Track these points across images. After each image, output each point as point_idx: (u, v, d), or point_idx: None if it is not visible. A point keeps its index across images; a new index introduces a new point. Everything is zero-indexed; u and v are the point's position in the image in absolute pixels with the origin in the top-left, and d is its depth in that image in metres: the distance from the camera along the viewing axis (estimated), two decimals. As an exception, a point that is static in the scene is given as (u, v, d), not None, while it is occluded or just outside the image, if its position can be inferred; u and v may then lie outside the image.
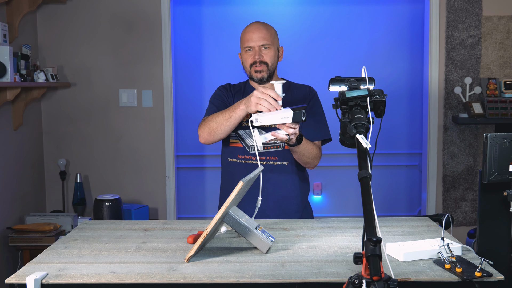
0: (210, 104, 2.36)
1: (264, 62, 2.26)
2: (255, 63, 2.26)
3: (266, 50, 2.26)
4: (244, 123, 2.27)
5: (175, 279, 1.55)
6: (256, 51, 2.26)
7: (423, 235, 1.94)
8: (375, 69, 4.36)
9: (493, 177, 1.93)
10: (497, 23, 3.90)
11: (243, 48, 2.29)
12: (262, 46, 2.26)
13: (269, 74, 2.28)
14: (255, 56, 2.25)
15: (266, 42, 2.26)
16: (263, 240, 1.76)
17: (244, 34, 2.30)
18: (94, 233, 2.02)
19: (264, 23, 2.32)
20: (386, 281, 1.15)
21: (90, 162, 3.99)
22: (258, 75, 2.27)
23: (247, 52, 2.28)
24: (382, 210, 4.44)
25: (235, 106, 2.10)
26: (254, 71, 2.27)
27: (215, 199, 4.62)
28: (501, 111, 3.78)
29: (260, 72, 2.27)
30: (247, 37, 2.27)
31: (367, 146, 1.42)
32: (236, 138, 2.30)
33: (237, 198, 1.78)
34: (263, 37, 2.25)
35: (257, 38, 2.25)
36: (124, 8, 3.90)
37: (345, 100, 1.60)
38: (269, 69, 2.28)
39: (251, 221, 1.81)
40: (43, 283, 1.53)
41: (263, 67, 2.26)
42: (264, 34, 2.26)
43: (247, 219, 1.81)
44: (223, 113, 2.14)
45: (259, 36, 2.25)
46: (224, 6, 4.49)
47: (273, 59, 2.29)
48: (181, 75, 4.47)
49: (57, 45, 3.91)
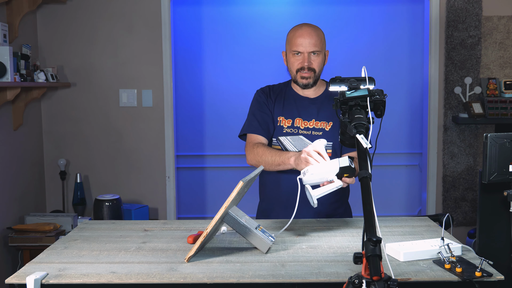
0: (250, 116, 2.31)
1: (312, 69, 2.23)
2: (302, 68, 2.22)
3: (315, 56, 2.22)
4: (286, 129, 2.26)
5: (175, 279, 1.55)
6: (305, 58, 2.21)
7: (423, 235, 1.94)
8: (375, 69, 4.36)
9: (493, 177, 1.93)
10: (497, 23, 3.90)
11: (291, 50, 2.23)
12: (312, 52, 2.21)
13: (314, 80, 2.25)
14: (304, 62, 2.21)
15: (317, 49, 2.21)
16: (263, 240, 1.76)
17: (294, 36, 2.24)
18: (94, 233, 2.02)
19: (315, 27, 2.27)
20: (386, 281, 1.15)
21: (90, 162, 3.99)
22: (304, 81, 2.24)
23: (294, 56, 2.23)
24: (382, 210, 4.44)
25: (285, 157, 2.05)
26: (301, 77, 2.23)
27: (215, 199, 4.67)
28: (501, 111, 3.78)
29: (307, 78, 2.23)
30: (298, 41, 2.21)
31: (367, 146, 1.42)
32: (278, 144, 2.27)
33: (237, 198, 1.78)
34: (314, 43, 2.21)
35: (308, 44, 2.20)
36: (124, 8, 3.90)
37: (345, 100, 1.60)
38: (316, 76, 2.25)
39: (251, 221, 1.81)
40: (43, 283, 1.53)
41: (311, 74, 2.23)
42: (315, 40, 2.21)
43: (247, 219, 1.81)
44: (273, 157, 2.11)
45: (311, 42, 2.20)
46: (224, 6, 4.49)
47: (320, 66, 2.26)
48: (181, 75, 4.47)
49: (57, 45, 3.91)
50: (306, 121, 2.26)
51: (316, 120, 2.26)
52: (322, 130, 2.25)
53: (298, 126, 2.26)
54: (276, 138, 2.27)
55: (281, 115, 2.28)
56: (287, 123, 2.26)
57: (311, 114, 2.27)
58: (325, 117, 2.27)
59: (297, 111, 2.28)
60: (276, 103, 2.30)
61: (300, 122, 2.26)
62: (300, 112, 2.27)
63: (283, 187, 2.27)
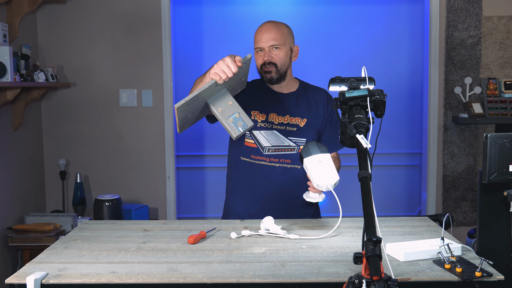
0: None
1: (273, 63, 2.24)
2: (264, 64, 2.24)
3: (276, 50, 2.23)
4: (260, 123, 2.27)
5: (175, 279, 1.55)
6: (266, 52, 2.23)
7: (423, 235, 1.94)
8: (375, 69, 4.36)
9: (493, 177, 1.93)
10: (497, 23, 3.90)
11: (255, 48, 2.28)
12: (272, 46, 2.23)
13: (279, 75, 2.26)
14: (264, 56, 2.24)
15: (276, 43, 2.23)
16: (232, 128, 1.91)
17: (255, 34, 2.28)
18: (94, 233, 2.02)
19: (276, 22, 2.28)
20: (386, 281, 1.15)
21: (90, 162, 3.99)
22: (267, 75, 2.26)
23: (258, 53, 2.26)
24: (382, 210, 4.44)
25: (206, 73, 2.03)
26: (264, 71, 2.26)
27: (215, 199, 4.67)
28: (501, 111, 3.78)
29: (269, 73, 2.25)
30: (257, 38, 2.26)
31: (367, 146, 1.42)
32: (251, 138, 2.29)
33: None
34: (273, 37, 2.23)
35: (267, 39, 2.23)
36: (124, 8, 3.90)
37: (345, 100, 1.60)
38: (278, 70, 2.25)
39: (231, 108, 1.95)
40: (43, 283, 1.53)
41: (272, 68, 2.24)
42: (274, 34, 2.23)
43: (228, 105, 1.94)
44: (200, 78, 2.08)
45: (269, 36, 2.23)
46: (224, 6, 4.49)
47: (283, 60, 2.25)
48: (181, 75, 4.47)
49: (57, 45, 3.91)
50: (280, 116, 2.28)
51: (290, 116, 2.29)
52: (296, 126, 2.28)
53: (272, 121, 2.27)
54: (250, 132, 2.28)
55: (255, 109, 2.29)
56: (261, 117, 2.28)
57: (286, 110, 2.29)
58: (299, 113, 2.29)
59: (271, 106, 2.29)
60: (251, 98, 2.31)
61: (275, 117, 2.28)
62: (274, 107, 2.29)
63: (249, 172, 2.29)
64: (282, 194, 2.28)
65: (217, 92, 1.96)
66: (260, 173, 2.27)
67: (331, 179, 1.88)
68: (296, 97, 2.32)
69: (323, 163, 1.90)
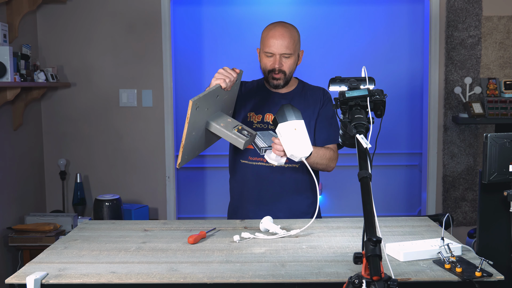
0: None
1: (283, 71, 2.23)
2: (273, 70, 2.22)
3: (286, 59, 2.22)
4: (256, 124, 2.27)
5: (175, 279, 1.55)
6: (277, 60, 2.21)
7: (423, 235, 1.94)
8: (375, 69, 4.36)
9: (493, 177, 1.93)
10: (497, 23, 3.90)
11: (264, 51, 2.24)
12: (283, 54, 2.21)
13: (286, 81, 2.26)
14: (275, 64, 2.21)
15: (288, 52, 2.20)
16: (237, 138, 1.94)
17: (267, 37, 2.23)
18: (94, 233, 2.02)
19: (289, 28, 2.25)
20: (386, 281, 1.15)
21: (90, 162, 3.99)
22: (275, 82, 2.25)
23: (267, 57, 2.23)
24: (382, 210, 4.44)
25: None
26: (272, 77, 2.24)
27: (215, 199, 4.67)
28: (501, 111, 3.78)
29: (277, 79, 2.24)
30: (269, 42, 2.21)
31: (367, 146, 1.42)
32: None
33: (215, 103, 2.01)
34: (286, 45, 2.19)
35: (279, 46, 2.19)
36: (124, 8, 3.90)
37: (345, 100, 1.60)
38: (286, 77, 2.25)
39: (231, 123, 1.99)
40: (43, 283, 1.53)
41: (281, 76, 2.23)
42: (287, 42, 2.19)
43: (228, 122, 1.98)
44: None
45: (282, 44, 2.19)
46: (224, 6, 4.49)
47: (291, 67, 2.25)
48: (181, 75, 4.47)
49: (57, 45, 3.91)
50: None
51: None
52: None
53: (268, 122, 2.27)
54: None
55: (252, 110, 2.30)
56: (257, 118, 2.28)
57: None
58: None
59: (267, 106, 2.30)
60: (246, 99, 2.31)
61: (270, 117, 2.28)
62: (270, 107, 2.29)
63: (249, 174, 2.29)
64: (281, 194, 2.28)
65: (213, 114, 2.04)
66: (258, 174, 2.27)
67: (306, 150, 1.88)
68: (292, 97, 2.32)
69: (298, 131, 1.89)
